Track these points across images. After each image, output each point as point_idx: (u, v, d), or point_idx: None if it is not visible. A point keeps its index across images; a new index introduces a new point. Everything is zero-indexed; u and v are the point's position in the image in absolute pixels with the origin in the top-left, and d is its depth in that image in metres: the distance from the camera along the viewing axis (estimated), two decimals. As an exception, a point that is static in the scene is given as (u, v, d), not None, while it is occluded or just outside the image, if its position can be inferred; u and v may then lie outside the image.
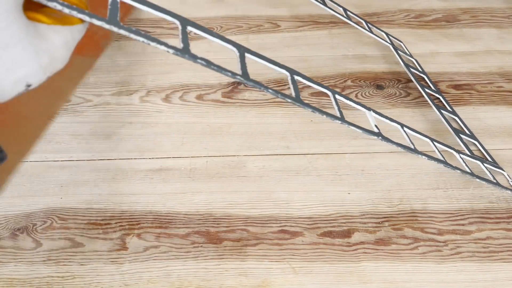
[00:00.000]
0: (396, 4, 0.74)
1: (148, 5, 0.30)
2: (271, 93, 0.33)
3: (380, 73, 0.60)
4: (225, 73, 0.31)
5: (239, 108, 0.53)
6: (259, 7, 0.70)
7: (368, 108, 0.40)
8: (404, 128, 0.42)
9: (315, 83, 0.38)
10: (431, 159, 0.40)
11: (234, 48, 0.34)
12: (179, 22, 0.31)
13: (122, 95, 0.54)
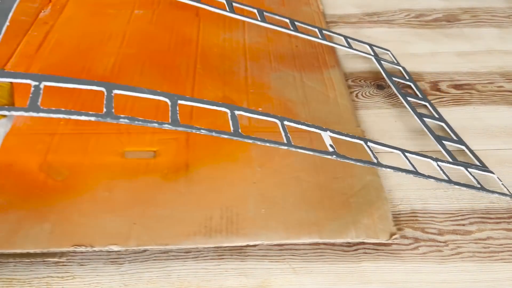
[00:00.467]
0: (396, 4, 0.74)
1: (73, 82, 0.32)
2: (204, 133, 0.34)
3: (380, 73, 0.59)
4: (151, 125, 0.32)
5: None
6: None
7: (323, 128, 0.40)
8: (368, 143, 0.41)
9: (260, 114, 0.39)
10: (397, 171, 0.40)
11: (166, 99, 0.35)
12: (105, 88, 0.33)
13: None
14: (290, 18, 0.60)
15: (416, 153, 0.44)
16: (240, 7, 0.58)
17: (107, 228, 0.40)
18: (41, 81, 0.30)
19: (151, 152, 0.48)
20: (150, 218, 0.41)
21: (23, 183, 0.44)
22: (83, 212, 0.42)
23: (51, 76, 0.31)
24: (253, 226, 0.41)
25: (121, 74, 0.57)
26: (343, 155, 0.38)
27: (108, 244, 0.39)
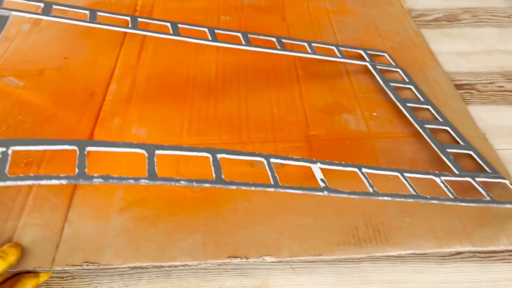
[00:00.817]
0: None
1: (43, 143, 0.31)
2: (183, 184, 0.33)
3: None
4: (127, 182, 0.31)
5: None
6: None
7: (313, 161, 0.39)
8: (362, 170, 0.40)
9: (244, 155, 0.38)
10: (395, 198, 0.39)
11: (143, 150, 0.34)
12: (77, 147, 0.31)
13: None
14: (276, 37, 0.58)
15: (417, 171, 0.43)
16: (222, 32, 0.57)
17: (257, 239, 0.41)
18: (9, 146, 0.30)
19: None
20: (295, 228, 0.42)
21: (164, 195, 0.44)
22: (228, 223, 0.42)
23: (19, 140, 0.31)
24: (401, 235, 0.41)
25: (226, 83, 0.58)
26: (335, 189, 0.37)
27: (262, 255, 0.40)
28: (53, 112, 0.52)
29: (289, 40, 0.60)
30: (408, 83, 0.58)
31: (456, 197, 0.41)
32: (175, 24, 0.54)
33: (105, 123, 0.51)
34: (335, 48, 0.61)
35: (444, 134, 0.51)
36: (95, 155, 0.47)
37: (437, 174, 0.43)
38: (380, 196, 0.38)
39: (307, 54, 0.57)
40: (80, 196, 0.44)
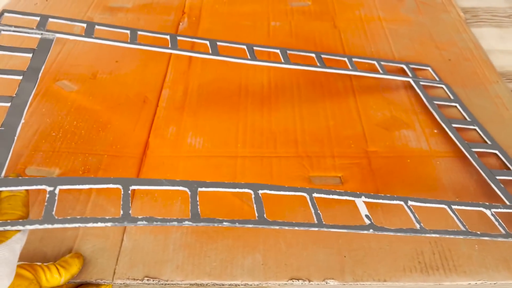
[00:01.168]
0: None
1: (89, 182, 0.31)
2: (226, 225, 0.32)
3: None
4: (170, 224, 0.31)
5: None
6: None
7: (357, 194, 0.37)
8: (408, 203, 0.38)
9: (286, 190, 0.37)
10: (443, 235, 0.37)
11: (185, 188, 0.34)
12: (121, 186, 0.31)
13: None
14: (316, 52, 0.57)
15: (466, 203, 0.41)
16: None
17: (319, 261, 0.40)
18: (56, 186, 0.30)
19: (336, 177, 0.47)
20: (358, 251, 0.40)
21: (222, 209, 0.44)
22: (289, 242, 0.41)
23: (66, 178, 0.31)
24: (470, 263, 0.39)
25: (279, 92, 0.57)
26: (381, 227, 0.36)
27: (325, 278, 0.39)
28: (107, 118, 0.52)
29: (329, 55, 0.58)
30: (453, 100, 0.55)
31: (508, 232, 0.39)
32: (214, 42, 0.54)
33: (159, 131, 0.51)
34: (376, 63, 0.58)
35: (493, 158, 0.49)
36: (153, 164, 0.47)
37: (487, 206, 0.41)
38: (428, 233, 0.37)
39: (347, 71, 0.56)
40: (138, 206, 0.43)
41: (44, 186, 0.30)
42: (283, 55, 0.55)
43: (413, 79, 0.57)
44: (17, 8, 0.69)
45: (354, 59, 0.58)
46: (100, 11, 0.70)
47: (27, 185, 0.30)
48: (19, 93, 0.37)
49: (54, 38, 0.45)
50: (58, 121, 0.51)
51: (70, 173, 0.45)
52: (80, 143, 0.48)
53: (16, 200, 0.29)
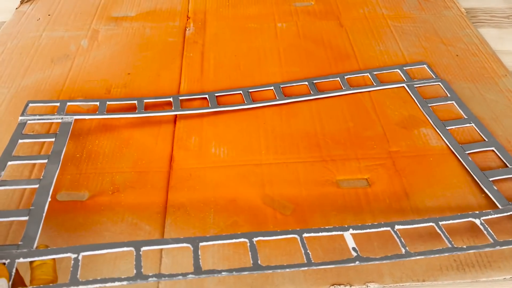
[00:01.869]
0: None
1: (107, 247, 0.36)
2: (225, 275, 0.35)
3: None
4: (176, 279, 0.35)
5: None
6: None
7: (344, 228, 0.39)
8: (395, 228, 0.40)
9: (279, 234, 0.39)
10: (429, 255, 0.38)
11: (188, 244, 0.37)
12: (133, 248, 0.36)
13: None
14: (308, 80, 0.58)
15: (454, 216, 0.41)
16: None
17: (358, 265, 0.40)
18: (79, 253, 0.35)
19: (363, 180, 0.47)
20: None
21: (255, 219, 0.44)
22: (325, 248, 0.42)
23: (87, 246, 0.36)
24: (504, 258, 0.40)
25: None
26: (367, 258, 0.37)
27: (365, 281, 0.39)
28: (128, 133, 0.51)
29: (321, 79, 0.59)
30: (449, 98, 0.55)
31: (497, 240, 0.39)
32: (213, 94, 0.56)
33: (182, 142, 0.51)
34: (369, 74, 0.59)
35: (491, 155, 0.49)
36: (180, 177, 0.47)
37: (476, 215, 0.42)
38: (412, 257, 0.38)
39: (341, 92, 0.57)
40: (172, 222, 0.43)
41: (69, 254, 0.35)
42: (276, 90, 0.57)
43: (407, 83, 0.58)
44: (19, 24, 0.68)
45: (346, 76, 0.59)
46: (104, 22, 0.69)
47: (55, 254, 0.35)
48: (46, 175, 0.44)
49: (73, 120, 0.51)
50: (80, 142, 0.50)
51: (99, 195, 0.45)
52: (105, 162, 0.48)
53: (47, 267, 0.34)
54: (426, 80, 0.58)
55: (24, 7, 0.72)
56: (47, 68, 0.60)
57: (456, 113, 0.54)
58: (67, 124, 0.50)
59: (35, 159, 0.47)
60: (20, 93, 0.56)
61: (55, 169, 0.45)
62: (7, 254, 0.35)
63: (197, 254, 0.36)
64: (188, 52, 0.64)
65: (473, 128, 0.52)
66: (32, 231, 0.38)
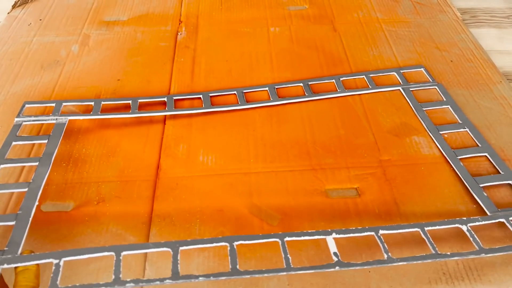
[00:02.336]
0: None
1: (87, 252, 0.36)
2: (202, 280, 0.35)
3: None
4: (154, 284, 0.35)
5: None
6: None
7: (328, 232, 0.39)
8: (379, 232, 0.39)
9: (260, 238, 0.38)
10: (411, 261, 0.37)
11: (168, 249, 0.37)
12: (113, 252, 0.36)
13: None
14: (303, 81, 0.58)
15: (440, 222, 0.41)
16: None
17: (345, 278, 0.40)
18: (61, 258, 0.35)
19: (353, 189, 0.47)
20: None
21: (241, 229, 0.43)
22: (312, 259, 0.41)
23: (69, 251, 0.36)
24: (495, 272, 0.40)
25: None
26: (347, 263, 0.37)
27: (352, 295, 0.39)
28: (115, 141, 0.51)
29: (316, 81, 0.58)
30: (445, 102, 0.55)
31: (482, 248, 0.39)
32: (207, 95, 0.56)
33: (170, 150, 0.50)
34: (365, 77, 0.59)
35: (484, 162, 0.49)
36: (167, 186, 0.46)
37: (463, 221, 0.41)
38: (395, 262, 0.37)
39: (335, 94, 0.56)
40: (157, 233, 0.43)
41: (51, 259, 0.35)
42: (271, 91, 0.57)
43: (403, 86, 0.57)
44: (11, 29, 0.68)
45: (342, 78, 0.58)
46: (96, 27, 0.68)
47: (38, 259, 0.36)
48: (35, 179, 0.44)
49: (67, 121, 0.51)
50: (66, 150, 0.49)
51: (84, 206, 0.44)
52: (91, 172, 0.47)
53: (29, 273, 0.35)
54: (422, 83, 0.58)
55: (16, 12, 0.72)
56: (36, 74, 0.60)
57: (450, 118, 0.54)
58: (61, 125, 0.50)
59: (26, 161, 0.47)
60: (8, 100, 0.56)
61: (45, 172, 0.45)
62: None
63: (176, 259, 0.36)
64: (179, 57, 0.63)
65: (467, 133, 0.51)
66: (18, 237, 0.38)
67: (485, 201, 0.44)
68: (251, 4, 0.74)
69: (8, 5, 0.73)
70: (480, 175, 0.47)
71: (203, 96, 0.56)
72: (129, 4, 0.74)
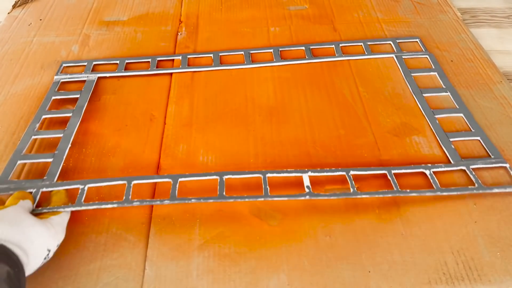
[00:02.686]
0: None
1: (108, 181, 0.45)
2: (194, 202, 0.43)
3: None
4: (155, 204, 0.43)
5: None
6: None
7: (303, 171, 0.46)
8: (350, 173, 0.46)
9: (245, 173, 0.46)
10: (374, 195, 0.44)
11: (169, 179, 0.45)
12: (126, 181, 0.45)
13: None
14: (305, 45, 0.64)
15: (406, 167, 0.47)
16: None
17: (344, 278, 0.40)
18: (85, 185, 0.44)
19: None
20: (382, 265, 0.40)
21: (241, 229, 0.43)
22: (312, 259, 0.41)
23: (91, 180, 0.45)
24: (494, 271, 0.40)
25: (286, 102, 0.56)
26: (316, 194, 0.44)
27: (352, 295, 0.39)
28: (115, 141, 0.51)
29: (318, 45, 0.64)
30: (433, 70, 0.59)
31: (439, 187, 0.45)
32: (217, 54, 0.63)
33: (170, 150, 0.50)
34: (363, 44, 0.64)
35: (459, 120, 0.53)
36: (167, 186, 0.46)
37: (428, 167, 0.47)
38: (358, 195, 0.44)
39: (334, 58, 0.61)
40: (156, 233, 0.43)
41: (78, 185, 0.45)
42: (275, 53, 0.63)
43: (396, 54, 0.62)
44: (11, 30, 0.68)
45: (341, 44, 0.64)
46: (96, 27, 0.68)
47: (68, 186, 0.45)
48: (69, 126, 0.52)
49: (96, 78, 0.59)
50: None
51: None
52: (91, 172, 0.47)
53: (60, 195, 0.44)
54: (414, 52, 0.62)
55: (16, 12, 0.72)
56: (37, 75, 0.60)
57: (437, 84, 0.58)
58: (90, 82, 0.58)
59: (62, 113, 0.54)
60: (8, 100, 0.56)
61: (77, 121, 0.52)
62: (35, 185, 0.45)
63: (175, 187, 0.44)
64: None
65: (449, 97, 0.56)
66: (54, 170, 0.47)
67: (451, 152, 0.49)
68: (251, 4, 0.74)
69: (8, 5, 0.73)
70: (453, 131, 0.52)
71: (213, 55, 0.63)
72: (129, 4, 0.73)
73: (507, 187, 0.45)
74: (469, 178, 0.46)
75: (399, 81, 0.58)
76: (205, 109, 0.55)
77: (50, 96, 0.56)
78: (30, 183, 0.45)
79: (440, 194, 0.44)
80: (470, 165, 0.47)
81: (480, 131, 0.51)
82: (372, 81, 0.59)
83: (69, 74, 0.59)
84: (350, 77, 0.59)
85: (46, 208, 0.42)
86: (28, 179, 0.47)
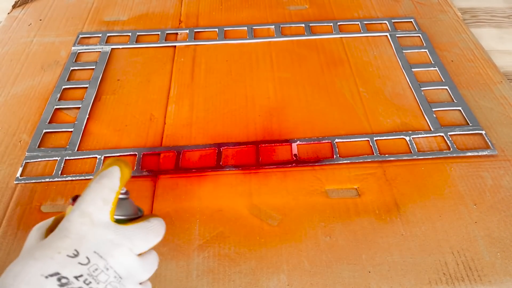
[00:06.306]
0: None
1: (118, 152, 0.49)
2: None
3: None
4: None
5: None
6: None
7: (294, 140, 0.50)
8: (335, 141, 0.50)
9: (240, 144, 0.50)
10: (354, 160, 0.48)
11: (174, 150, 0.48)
12: (137, 152, 0.48)
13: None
14: (305, 23, 0.68)
15: (387, 134, 0.51)
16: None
17: (345, 278, 0.40)
18: (102, 155, 0.49)
19: (353, 190, 0.47)
20: (382, 265, 0.40)
21: (241, 229, 0.43)
22: (312, 260, 0.41)
23: (106, 150, 0.50)
24: (495, 273, 0.40)
25: (285, 102, 0.56)
26: (303, 160, 0.48)
27: (352, 295, 0.39)
28: (116, 142, 0.51)
29: (317, 23, 0.68)
30: (424, 47, 0.63)
31: (416, 151, 0.49)
32: (222, 28, 0.68)
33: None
34: (359, 23, 0.68)
35: (444, 93, 0.57)
36: (167, 185, 0.46)
37: (408, 134, 0.51)
38: (340, 161, 0.48)
39: (332, 35, 0.66)
40: (157, 232, 0.42)
41: (96, 155, 0.49)
42: (276, 29, 0.67)
43: (390, 33, 0.65)
44: (11, 30, 0.68)
45: (339, 23, 0.68)
46: (95, 27, 0.68)
47: (87, 155, 0.49)
48: (86, 97, 0.56)
49: (110, 50, 0.63)
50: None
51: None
52: (91, 172, 0.47)
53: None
54: (408, 31, 0.66)
55: (16, 12, 0.72)
56: (37, 75, 0.60)
57: (426, 59, 0.62)
58: (105, 54, 0.62)
59: (80, 84, 0.58)
60: (9, 101, 0.56)
61: (93, 92, 0.56)
62: (59, 153, 0.49)
63: (179, 158, 0.48)
64: (179, 57, 0.63)
65: (436, 72, 0.59)
66: (75, 139, 0.50)
67: (431, 120, 0.52)
68: (251, 4, 0.74)
69: (8, 5, 0.73)
70: (436, 102, 0.55)
71: (218, 30, 0.67)
72: (129, 4, 0.73)
73: (479, 151, 0.49)
74: (447, 145, 0.50)
75: (398, 77, 0.59)
76: (205, 109, 0.55)
77: (68, 67, 0.60)
78: (56, 151, 0.49)
79: (417, 158, 0.48)
80: (448, 132, 0.51)
81: (462, 102, 0.54)
82: (374, 80, 0.59)
83: (85, 45, 0.63)
84: (350, 77, 0.59)
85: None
86: (53, 147, 0.50)
